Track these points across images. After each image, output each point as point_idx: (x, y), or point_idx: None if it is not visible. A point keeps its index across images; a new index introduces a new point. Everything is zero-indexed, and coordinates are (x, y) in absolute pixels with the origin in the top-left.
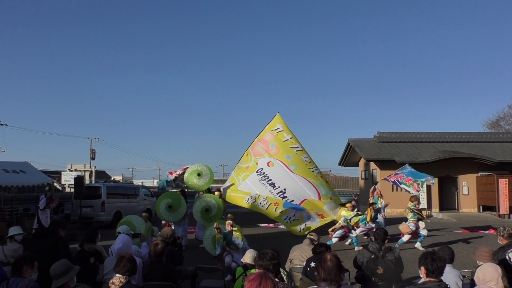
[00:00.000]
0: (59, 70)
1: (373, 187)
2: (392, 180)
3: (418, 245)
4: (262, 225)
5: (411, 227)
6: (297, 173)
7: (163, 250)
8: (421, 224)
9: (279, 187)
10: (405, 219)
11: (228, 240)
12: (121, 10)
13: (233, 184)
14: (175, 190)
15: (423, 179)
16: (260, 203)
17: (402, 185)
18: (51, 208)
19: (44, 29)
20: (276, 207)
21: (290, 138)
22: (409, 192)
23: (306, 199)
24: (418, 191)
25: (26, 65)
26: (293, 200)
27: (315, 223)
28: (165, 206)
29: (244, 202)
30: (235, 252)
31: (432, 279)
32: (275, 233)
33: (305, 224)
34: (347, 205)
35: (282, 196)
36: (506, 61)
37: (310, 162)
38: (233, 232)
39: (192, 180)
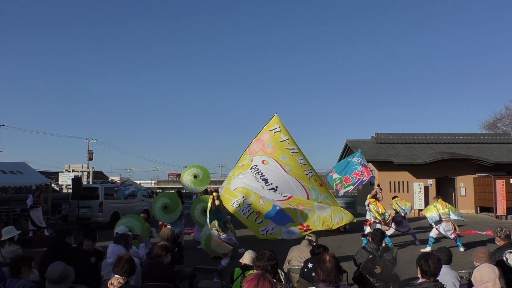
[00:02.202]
0: (57, 70)
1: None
2: (357, 181)
3: (427, 249)
4: None
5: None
6: (291, 174)
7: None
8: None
9: (271, 183)
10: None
11: (220, 218)
12: (119, 10)
13: (227, 182)
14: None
15: (354, 163)
16: (243, 210)
17: (361, 181)
18: (41, 206)
19: (41, 29)
20: (257, 217)
21: (287, 139)
22: (366, 180)
23: (293, 196)
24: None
25: (24, 66)
26: (284, 195)
27: (293, 236)
28: (160, 207)
29: (230, 206)
30: (225, 233)
31: (428, 280)
32: None
33: (282, 237)
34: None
35: (273, 191)
36: (503, 62)
37: (305, 164)
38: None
39: (188, 181)
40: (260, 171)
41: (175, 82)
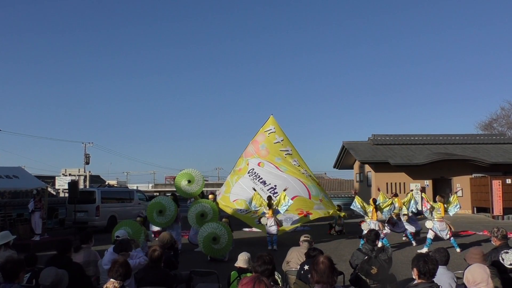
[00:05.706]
0: (53, 74)
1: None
2: None
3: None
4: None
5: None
6: (287, 173)
7: (160, 257)
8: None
9: (269, 184)
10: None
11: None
12: (115, 13)
13: (226, 189)
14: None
15: None
16: (240, 211)
17: None
18: (41, 209)
19: (37, 33)
20: (254, 215)
21: (281, 141)
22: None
23: (297, 196)
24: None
25: (20, 70)
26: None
27: (293, 223)
28: (155, 211)
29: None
30: None
31: (424, 281)
32: None
33: (282, 224)
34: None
35: (273, 192)
36: (499, 63)
37: (299, 166)
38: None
39: (183, 187)
40: (258, 174)
41: (171, 85)
